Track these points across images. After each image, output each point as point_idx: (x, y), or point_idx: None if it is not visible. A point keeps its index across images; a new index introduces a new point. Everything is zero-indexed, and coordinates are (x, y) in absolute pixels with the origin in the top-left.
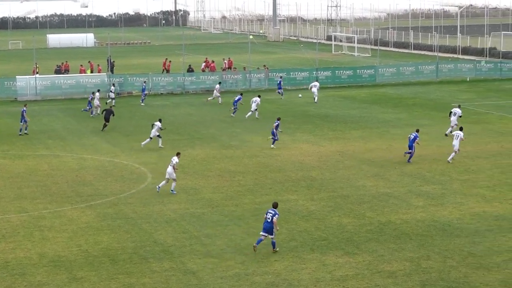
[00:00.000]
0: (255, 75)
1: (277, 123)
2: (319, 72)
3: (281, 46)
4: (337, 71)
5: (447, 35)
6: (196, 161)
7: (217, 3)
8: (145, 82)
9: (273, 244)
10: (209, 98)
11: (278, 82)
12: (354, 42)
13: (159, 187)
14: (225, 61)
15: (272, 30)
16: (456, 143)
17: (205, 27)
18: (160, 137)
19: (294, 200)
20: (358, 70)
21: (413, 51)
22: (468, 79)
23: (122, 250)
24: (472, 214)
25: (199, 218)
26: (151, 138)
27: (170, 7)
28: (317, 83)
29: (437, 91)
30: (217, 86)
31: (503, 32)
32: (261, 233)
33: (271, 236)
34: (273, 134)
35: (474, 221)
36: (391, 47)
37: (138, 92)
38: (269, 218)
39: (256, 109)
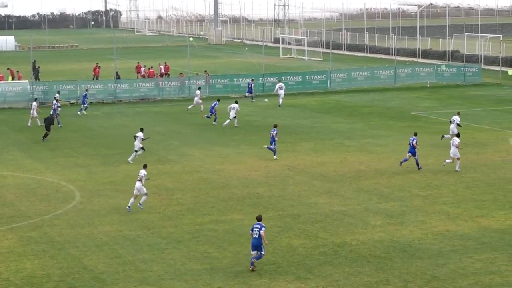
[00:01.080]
0: (195, 81)
1: (275, 131)
2: (265, 78)
3: (223, 50)
4: (285, 77)
5: (406, 37)
6: (130, 178)
7: (152, 2)
8: (87, 90)
9: (258, 257)
10: (189, 107)
11: (249, 85)
12: (304, 45)
13: (129, 206)
14: (161, 66)
15: (213, 32)
16: (454, 150)
17: (139, 28)
18: (144, 149)
19: (239, 220)
20: (308, 76)
21: (368, 55)
22: (428, 85)
23: (48, 277)
24: (434, 233)
25: (133, 241)
26: (136, 151)
27: (100, 7)
28: (282, 84)
29: (395, 98)
30: (198, 92)
31: (466, 33)
32: (252, 252)
33: (262, 252)
34: (271, 143)
35: (437, 241)
36: (344, 50)
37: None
38: (256, 234)
39: (235, 117)
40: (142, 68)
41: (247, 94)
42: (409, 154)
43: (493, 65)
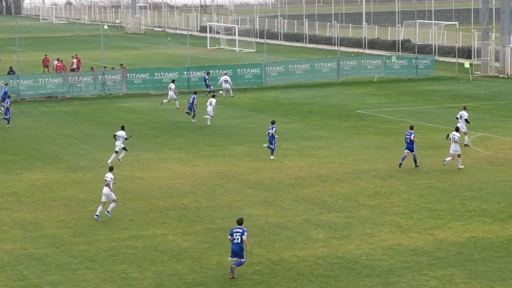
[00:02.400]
0: (110, 76)
1: (274, 129)
2: (190, 72)
3: (142, 40)
4: (213, 71)
5: (350, 25)
6: (36, 188)
7: None
8: (6, 84)
9: (238, 264)
10: (164, 101)
11: (204, 78)
12: (235, 35)
13: (97, 215)
14: (74, 59)
15: (130, 19)
16: (455, 146)
17: (45, 15)
18: (126, 150)
19: (162, 235)
20: (240, 70)
21: (308, 45)
22: (376, 79)
23: None
24: (384, 248)
25: (40, 260)
26: (116, 152)
27: None
28: (228, 77)
29: (338, 94)
30: (172, 85)
31: (418, 20)
32: (230, 258)
33: (242, 260)
34: (270, 142)
35: (387, 257)
36: (281, 40)
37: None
38: (237, 239)
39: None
40: (55, 62)
41: (209, 89)
42: (407, 150)
43: (449, 56)
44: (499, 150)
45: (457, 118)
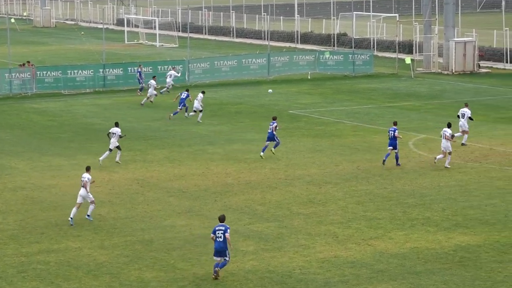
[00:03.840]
0: (18, 75)
1: (275, 124)
2: (106, 70)
3: (53, 34)
4: (131, 68)
5: (281, 17)
6: None
7: None
8: None
9: (223, 265)
10: (144, 100)
11: (138, 72)
12: (155, 28)
13: (71, 218)
14: None
15: (40, 12)
16: (446, 143)
17: None
18: (120, 148)
19: (76, 249)
20: (160, 67)
21: (235, 39)
22: (309, 77)
23: None
24: (320, 260)
25: None
26: (110, 150)
27: None
28: (174, 72)
29: (269, 93)
30: (153, 81)
31: (355, 12)
32: (214, 257)
33: (226, 258)
34: (270, 138)
35: (323, 270)
36: (205, 34)
37: None
38: (219, 237)
39: (201, 110)
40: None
41: (141, 86)
42: (390, 147)
43: (388, 51)
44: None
45: (458, 116)
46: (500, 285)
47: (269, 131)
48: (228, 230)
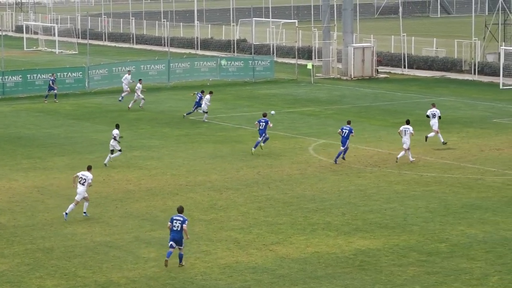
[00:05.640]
0: None
1: (264, 121)
2: (5, 77)
3: None
4: (30, 75)
5: (181, 24)
6: None
7: None
8: None
9: (180, 258)
10: (129, 105)
11: (51, 80)
12: (55, 35)
13: (66, 213)
14: None
15: None
16: (406, 139)
17: None
18: (121, 150)
19: None
20: (60, 74)
21: (135, 46)
22: (209, 83)
23: None
24: (221, 266)
25: None
26: (112, 151)
27: None
28: (128, 76)
29: (169, 100)
30: (139, 85)
31: (254, 18)
32: (169, 243)
33: (180, 248)
34: (261, 134)
35: (224, 276)
36: (105, 40)
37: None
38: (177, 227)
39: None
40: None
41: (47, 93)
42: (343, 147)
43: (288, 57)
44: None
45: (428, 116)
46: None
47: (260, 128)
48: (186, 221)
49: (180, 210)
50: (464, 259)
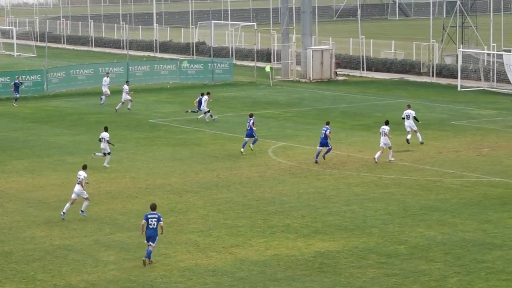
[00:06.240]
0: None
1: (252, 121)
2: None
3: None
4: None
5: (140, 26)
6: None
7: None
8: None
9: (149, 254)
10: (118, 105)
11: (16, 83)
12: (13, 38)
13: (64, 213)
14: None
15: None
16: (385, 139)
17: None
18: (109, 153)
19: None
20: (18, 76)
21: (94, 49)
22: (169, 86)
23: None
24: (181, 269)
25: None
26: (104, 154)
27: None
28: (107, 80)
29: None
30: (126, 86)
31: (213, 21)
32: (146, 242)
33: (153, 245)
34: (249, 135)
35: (184, 279)
36: (64, 43)
37: None
38: (153, 225)
39: (208, 110)
40: None
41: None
42: (320, 147)
43: (247, 60)
44: (302, 160)
45: (404, 118)
46: None
47: (247, 128)
48: (161, 218)
49: (153, 208)
50: (423, 261)
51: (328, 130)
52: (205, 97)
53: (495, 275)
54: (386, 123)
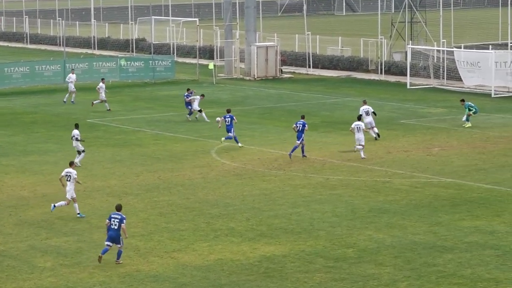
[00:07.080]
0: None
1: (229, 116)
2: None
3: None
4: None
5: (77, 22)
6: None
7: None
8: None
9: (119, 255)
10: (94, 102)
11: None
12: None
13: (79, 213)
14: None
15: None
16: (360, 136)
17: None
18: (84, 151)
19: None
20: None
21: (29, 46)
22: (109, 82)
23: None
24: (121, 275)
25: None
26: (79, 151)
27: None
28: (72, 76)
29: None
30: (102, 84)
31: (153, 17)
32: (106, 242)
33: (118, 246)
34: (229, 131)
35: (124, 285)
36: None
37: None
38: (115, 225)
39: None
40: None
41: None
42: (298, 141)
43: (189, 57)
44: (246, 161)
45: (361, 115)
46: None
47: (227, 123)
48: (124, 220)
49: (118, 208)
50: (372, 265)
51: (305, 126)
52: (198, 97)
53: (446, 278)
54: (359, 118)
